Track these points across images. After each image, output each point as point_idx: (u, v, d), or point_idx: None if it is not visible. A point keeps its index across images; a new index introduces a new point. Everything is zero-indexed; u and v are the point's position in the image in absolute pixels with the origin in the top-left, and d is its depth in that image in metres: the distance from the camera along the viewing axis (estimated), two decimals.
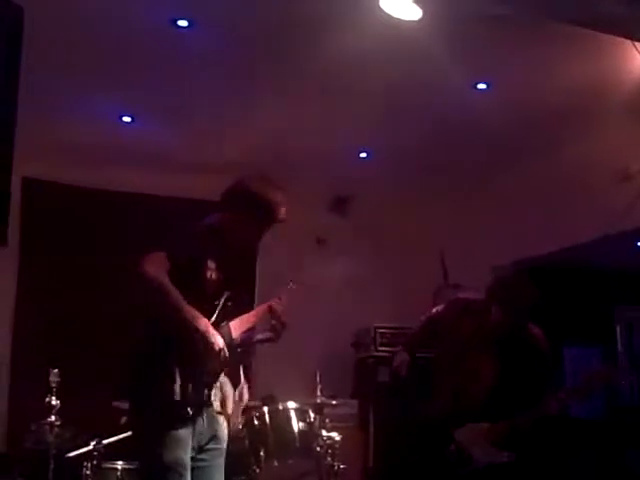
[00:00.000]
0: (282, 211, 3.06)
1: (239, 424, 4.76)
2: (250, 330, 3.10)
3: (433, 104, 5.28)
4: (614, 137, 5.35)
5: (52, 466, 4.38)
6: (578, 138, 5.48)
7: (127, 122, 5.72)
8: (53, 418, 4.35)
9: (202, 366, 2.77)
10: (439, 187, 6.49)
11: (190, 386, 2.72)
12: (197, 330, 2.69)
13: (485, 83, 5.02)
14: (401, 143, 5.92)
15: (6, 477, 4.89)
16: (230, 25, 4.46)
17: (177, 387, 2.69)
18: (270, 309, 3.12)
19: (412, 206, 6.81)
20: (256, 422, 4.31)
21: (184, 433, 2.72)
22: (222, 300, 2.92)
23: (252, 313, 3.11)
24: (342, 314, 6.33)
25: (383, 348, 6.36)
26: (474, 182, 6.41)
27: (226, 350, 2.78)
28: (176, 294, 2.68)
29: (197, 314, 2.71)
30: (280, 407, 4.39)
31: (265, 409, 4.37)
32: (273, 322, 3.12)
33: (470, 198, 6.54)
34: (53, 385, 4.35)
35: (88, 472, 4.32)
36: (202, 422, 2.83)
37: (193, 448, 2.79)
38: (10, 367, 5.93)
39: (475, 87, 5.05)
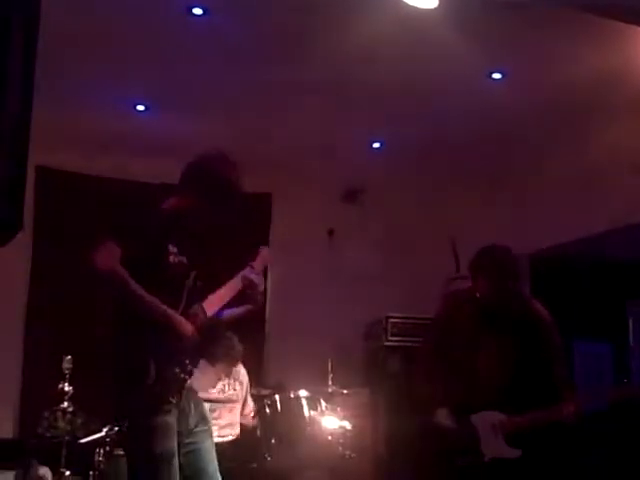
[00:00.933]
0: (238, 185, 2.96)
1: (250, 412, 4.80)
2: (228, 305, 3.04)
3: (447, 94, 5.26)
4: (630, 128, 5.31)
5: (64, 452, 4.42)
6: (593, 130, 5.45)
7: (141, 111, 5.73)
8: (66, 404, 4.40)
9: (175, 352, 2.73)
10: (451, 177, 6.48)
11: (166, 374, 2.69)
12: (161, 318, 2.68)
13: (500, 73, 4.99)
14: (414, 133, 5.90)
15: (19, 463, 4.93)
16: (245, 13, 4.46)
17: (152, 376, 2.65)
18: (244, 280, 3.02)
19: (424, 196, 6.79)
20: (268, 410, 4.33)
21: (171, 421, 2.70)
22: (190, 282, 2.87)
23: (226, 287, 3.01)
24: (354, 304, 6.33)
25: (394, 338, 6.36)
26: (487, 172, 6.39)
27: (196, 334, 2.74)
28: (133, 283, 2.65)
29: (157, 302, 2.68)
30: (292, 395, 4.40)
31: (277, 397, 4.38)
32: (249, 292, 3.03)
33: (483, 189, 6.52)
34: (66, 372, 4.39)
35: (100, 458, 4.36)
36: (188, 406, 2.82)
37: (181, 433, 2.76)
38: (23, 354, 5.97)
39: (490, 77, 5.03)
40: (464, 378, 3.69)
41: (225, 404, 4.71)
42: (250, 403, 4.90)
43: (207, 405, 3.03)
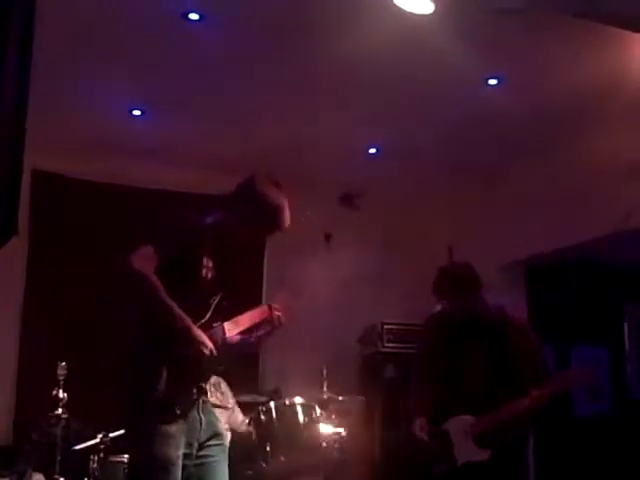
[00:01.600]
0: (286, 218, 3.00)
1: (243, 420, 4.77)
2: (246, 332, 3.04)
3: (443, 99, 5.26)
4: (626, 134, 5.32)
5: (59, 458, 4.39)
6: (589, 135, 5.45)
7: (137, 115, 5.72)
8: (60, 411, 4.37)
9: (190, 366, 2.71)
10: (448, 183, 6.48)
11: (177, 385, 2.68)
12: (183, 330, 2.65)
13: (496, 78, 5.00)
14: (410, 139, 5.90)
15: (14, 470, 4.90)
16: (241, 19, 4.45)
17: (162, 385, 2.64)
18: (268, 312, 3.07)
19: (421, 202, 6.80)
20: (263, 417, 4.31)
21: (174, 430, 2.68)
22: (217, 299, 2.86)
23: (248, 315, 3.03)
24: (349, 310, 6.32)
25: (390, 344, 6.37)
26: (484, 178, 6.39)
27: (214, 351, 2.72)
28: (162, 290, 2.62)
29: (182, 314, 2.65)
30: (287, 402, 4.39)
31: (272, 404, 4.37)
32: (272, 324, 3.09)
33: (479, 194, 6.53)
34: (60, 378, 4.37)
35: (95, 465, 4.34)
36: (199, 419, 2.81)
37: (190, 445, 2.76)
38: (18, 360, 5.94)
39: (486, 82, 5.03)
40: (445, 387, 3.82)
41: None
42: (239, 415, 4.88)
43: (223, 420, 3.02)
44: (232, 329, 2.92)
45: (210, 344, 2.72)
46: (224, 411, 4.79)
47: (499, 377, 3.67)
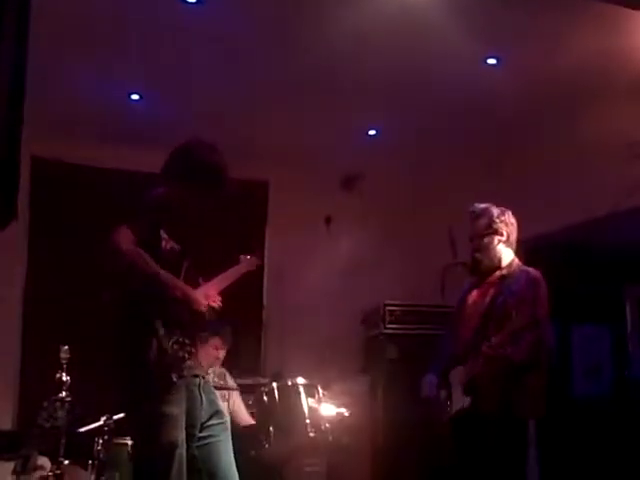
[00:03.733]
0: (223, 171, 3.03)
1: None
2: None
3: (442, 80, 5.24)
4: (626, 113, 5.30)
5: (63, 442, 4.42)
6: (589, 114, 5.43)
7: (135, 100, 5.71)
8: (64, 394, 4.39)
9: (184, 327, 2.81)
10: (448, 163, 6.47)
11: (168, 351, 2.73)
12: (179, 292, 2.78)
13: (495, 58, 4.98)
14: (410, 120, 5.89)
15: (19, 453, 4.94)
16: (240, 2, 4.44)
17: (154, 353, 2.70)
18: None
19: (421, 183, 6.79)
20: (265, 398, 4.34)
21: (175, 411, 2.70)
22: (183, 268, 2.93)
23: (221, 277, 3.20)
24: (351, 292, 6.33)
25: (392, 325, 6.38)
26: (483, 158, 6.38)
27: (209, 309, 2.89)
28: (152, 263, 2.74)
29: (173, 278, 2.80)
30: (289, 383, 4.41)
31: (274, 385, 4.39)
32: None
33: (479, 175, 6.51)
34: (63, 361, 4.39)
35: (99, 447, 4.37)
36: (199, 399, 2.84)
37: (193, 426, 2.78)
38: (21, 345, 5.97)
39: (485, 62, 5.01)
40: (454, 342, 3.86)
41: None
42: (241, 405, 4.93)
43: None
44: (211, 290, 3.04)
45: (205, 302, 2.86)
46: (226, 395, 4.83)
47: (486, 326, 3.69)
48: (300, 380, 4.41)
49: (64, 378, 4.36)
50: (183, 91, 5.54)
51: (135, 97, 5.67)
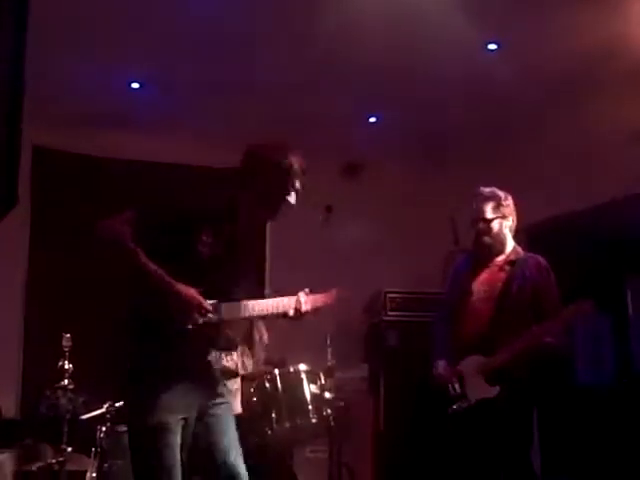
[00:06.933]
0: (300, 173, 3.00)
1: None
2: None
3: (443, 66, 5.22)
4: (628, 99, 5.28)
5: (66, 429, 4.44)
6: (591, 101, 5.41)
7: (136, 88, 5.70)
8: (66, 382, 4.40)
9: (172, 320, 2.71)
10: (449, 151, 6.46)
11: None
12: (166, 289, 2.68)
13: (496, 43, 4.96)
14: (410, 107, 5.87)
15: (21, 441, 4.96)
16: None
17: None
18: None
19: (423, 170, 6.78)
20: (267, 385, 4.34)
21: (168, 396, 2.68)
22: (221, 275, 2.84)
23: (270, 302, 3.12)
24: (353, 279, 6.30)
25: (393, 313, 6.39)
26: (485, 145, 6.37)
27: (204, 304, 2.72)
28: (133, 248, 2.65)
29: (156, 269, 2.65)
30: (291, 370, 4.41)
31: (276, 372, 4.39)
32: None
33: (481, 162, 6.50)
34: (65, 349, 4.40)
35: (102, 435, 4.38)
36: (200, 381, 2.81)
37: (190, 405, 2.76)
38: (23, 332, 5.98)
39: (486, 47, 4.99)
40: (458, 327, 3.85)
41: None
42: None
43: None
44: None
45: (207, 305, 2.73)
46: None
47: (504, 315, 3.68)
48: (302, 366, 4.42)
49: (66, 366, 4.38)
50: (183, 80, 5.53)
51: (135, 85, 5.66)
